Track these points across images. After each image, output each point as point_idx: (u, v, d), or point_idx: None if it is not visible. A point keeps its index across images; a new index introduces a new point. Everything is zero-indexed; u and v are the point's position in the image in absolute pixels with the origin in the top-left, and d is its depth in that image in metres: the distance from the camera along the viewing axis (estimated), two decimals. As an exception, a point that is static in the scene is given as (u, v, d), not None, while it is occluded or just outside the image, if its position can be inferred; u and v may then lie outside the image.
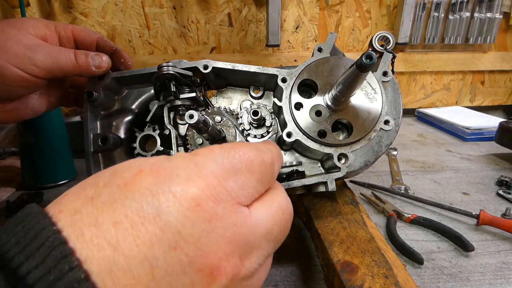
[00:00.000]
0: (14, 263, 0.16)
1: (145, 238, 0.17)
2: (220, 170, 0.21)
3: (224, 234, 0.19)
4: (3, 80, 0.39)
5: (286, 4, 1.15)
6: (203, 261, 0.18)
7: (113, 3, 1.08)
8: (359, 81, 0.36)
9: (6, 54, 0.38)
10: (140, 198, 0.19)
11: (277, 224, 0.23)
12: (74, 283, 0.15)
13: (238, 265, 0.20)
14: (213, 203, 0.20)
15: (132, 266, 0.17)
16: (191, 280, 0.18)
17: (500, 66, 1.30)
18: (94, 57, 0.44)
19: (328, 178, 0.42)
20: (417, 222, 0.56)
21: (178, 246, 0.18)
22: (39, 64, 0.40)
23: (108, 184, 0.20)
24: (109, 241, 0.17)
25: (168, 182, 0.20)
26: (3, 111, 0.44)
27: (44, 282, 0.15)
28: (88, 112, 0.46)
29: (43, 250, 0.16)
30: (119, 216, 0.18)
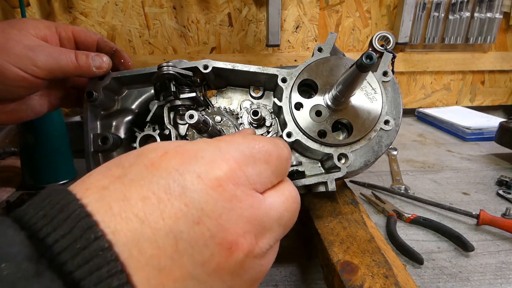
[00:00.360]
0: (42, 233, 0.17)
1: (171, 213, 0.19)
2: (241, 157, 0.23)
3: (242, 213, 0.21)
4: (4, 81, 0.39)
5: (286, 4, 1.15)
6: (223, 236, 0.20)
7: (113, 3, 1.08)
8: (359, 81, 0.36)
9: (7, 54, 0.38)
10: (167, 177, 0.20)
11: (287, 210, 0.25)
12: (98, 251, 0.17)
13: (253, 243, 0.21)
14: (233, 185, 0.21)
15: (158, 237, 0.18)
16: (211, 252, 0.19)
17: (500, 66, 1.30)
18: (94, 57, 0.44)
19: (328, 178, 0.42)
20: (417, 222, 0.56)
21: (201, 221, 0.19)
22: (40, 65, 0.40)
23: (135, 164, 0.21)
24: (137, 215, 0.18)
25: (193, 163, 0.21)
26: (4, 112, 0.44)
27: (71, 250, 0.16)
28: (88, 112, 0.46)
29: (69, 222, 0.17)
30: (147, 192, 0.19)
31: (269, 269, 0.24)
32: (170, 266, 0.18)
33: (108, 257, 0.17)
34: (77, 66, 0.42)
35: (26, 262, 0.16)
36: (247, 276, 0.22)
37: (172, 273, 0.19)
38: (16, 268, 0.15)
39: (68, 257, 0.16)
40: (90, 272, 0.16)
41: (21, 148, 0.68)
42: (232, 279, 0.21)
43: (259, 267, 0.23)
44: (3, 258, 0.15)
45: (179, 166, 0.21)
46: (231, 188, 0.21)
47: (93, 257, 0.16)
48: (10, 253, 0.15)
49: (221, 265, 0.20)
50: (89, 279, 0.16)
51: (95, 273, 0.16)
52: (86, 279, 0.16)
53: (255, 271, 0.22)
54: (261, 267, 0.23)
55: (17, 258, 0.16)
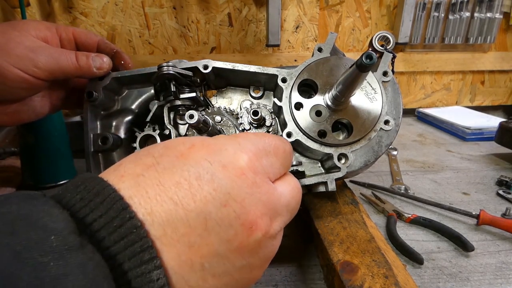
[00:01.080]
0: (81, 213, 0.19)
1: (201, 196, 0.21)
2: (257, 150, 0.26)
3: (261, 198, 0.24)
4: (5, 82, 0.39)
5: (286, 4, 1.15)
6: (245, 217, 0.22)
7: (113, 3, 1.08)
8: (359, 81, 0.36)
9: (8, 55, 0.38)
10: (197, 165, 0.23)
11: (293, 198, 0.28)
12: (132, 229, 0.19)
13: (269, 225, 0.24)
14: (253, 174, 0.24)
15: (189, 218, 0.21)
16: (236, 231, 0.22)
17: (500, 66, 1.30)
18: (95, 58, 0.44)
19: (328, 178, 0.42)
20: (417, 222, 0.56)
21: (228, 204, 0.22)
22: (40, 66, 0.40)
23: (165, 155, 0.24)
24: (171, 198, 0.21)
25: (218, 154, 0.24)
26: (5, 113, 0.44)
27: (108, 228, 0.19)
28: (88, 112, 0.46)
29: (105, 204, 0.19)
30: (179, 178, 0.22)
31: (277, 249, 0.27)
32: (199, 243, 0.21)
33: (140, 234, 0.19)
34: (78, 67, 0.43)
35: (72, 235, 0.17)
36: (262, 254, 0.24)
37: (200, 250, 0.21)
38: (64, 241, 0.17)
39: (105, 234, 0.18)
40: (125, 247, 0.18)
41: (21, 148, 0.68)
42: (251, 256, 0.23)
43: (271, 246, 0.25)
44: (52, 231, 0.17)
45: (206, 156, 0.23)
46: (252, 176, 0.24)
47: (127, 234, 0.19)
48: (57, 228, 0.17)
49: (243, 243, 0.22)
50: (124, 253, 0.18)
51: (129, 248, 0.19)
52: (121, 253, 0.18)
53: (268, 250, 0.25)
54: (272, 247, 0.26)
55: (64, 232, 0.17)
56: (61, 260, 0.16)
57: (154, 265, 0.19)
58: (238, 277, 0.23)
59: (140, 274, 0.18)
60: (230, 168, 0.23)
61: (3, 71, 0.38)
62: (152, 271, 0.19)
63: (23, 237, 0.16)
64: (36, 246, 0.16)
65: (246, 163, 0.24)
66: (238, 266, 0.23)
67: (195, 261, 0.21)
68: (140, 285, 0.18)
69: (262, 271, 0.26)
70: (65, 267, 0.16)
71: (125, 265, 0.18)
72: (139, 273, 0.18)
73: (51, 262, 0.16)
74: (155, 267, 0.19)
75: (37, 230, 0.17)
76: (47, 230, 0.17)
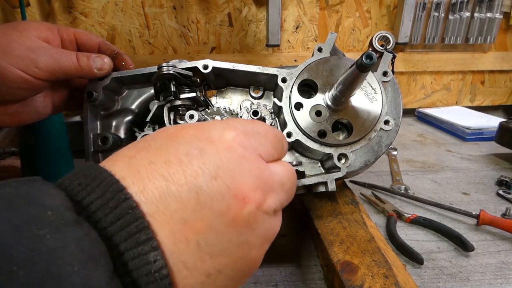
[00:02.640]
0: (78, 196, 0.19)
1: (191, 171, 0.22)
2: (245, 129, 0.26)
3: (251, 171, 0.24)
4: (5, 82, 0.39)
5: (286, 4, 1.15)
6: (237, 189, 0.22)
7: (113, 3, 1.08)
8: (359, 81, 0.36)
9: (9, 56, 0.38)
10: (185, 143, 0.23)
11: (288, 179, 0.28)
12: (128, 210, 0.19)
13: (262, 199, 0.24)
14: (242, 148, 0.24)
15: (181, 193, 0.21)
16: (228, 204, 0.22)
17: (500, 66, 1.30)
18: (95, 59, 0.44)
19: (328, 178, 0.42)
20: (417, 222, 0.56)
21: (218, 176, 0.22)
22: (41, 66, 0.40)
23: (156, 137, 0.24)
24: (162, 175, 0.21)
25: (207, 132, 0.25)
26: (6, 114, 0.44)
27: (104, 209, 0.19)
28: (88, 112, 0.46)
29: (102, 187, 0.19)
30: (169, 156, 0.22)
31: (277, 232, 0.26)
32: (193, 219, 0.21)
33: (136, 214, 0.19)
34: (78, 68, 0.43)
35: (68, 212, 0.18)
36: (259, 230, 0.24)
37: (195, 225, 0.21)
38: (60, 216, 0.17)
39: (101, 215, 0.19)
40: (121, 228, 0.19)
41: (21, 148, 0.68)
42: (247, 231, 0.23)
43: (268, 223, 0.25)
44: (49, 207, 0.17)
45: (195, 134, 0.24)
46: (240, 150, 0.24)
47: (123, 215, 0.19)
48: (53, 205, 0.18)
49: (237, 216, 0.22)
50: (120, 233, 0.18)
51: (125, 229, 0.19)
52: (118, 234, 0.18)
53: (265, 227, 0.24)
54: (270, 225, 0.25)
55: (60, 208, 0.18)
56: (57, 234, 0.16)
57: (151, 246, 0.19)
58: (236, 256, 0.23)
59: (137, 255, 0.18)
60: (218, 142, 0.24)
61: (3, 72, 0.38)
62: (149, 252, 0.19)
63: (21, 212, 0.17)
64: (33, 220, 0.16)
65: (233, 138, 0.24)
66: (235, 242, 0.22)
67: (191, 239, 0.21)
68: (137, 267, 0.18)
69: (261, 252, 0.25)
70: (62, 240, 0.16)
71: (121, 246, 0.18)
72: (136, 254, 0.18)
73: (48, 235, 0.16)
74: (152, 248, 0.19)
75: (35, 207, 0.17)
76: (44, 206, 0.17)
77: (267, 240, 0.25)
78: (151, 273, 0.18)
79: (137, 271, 0.18)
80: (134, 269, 0.18)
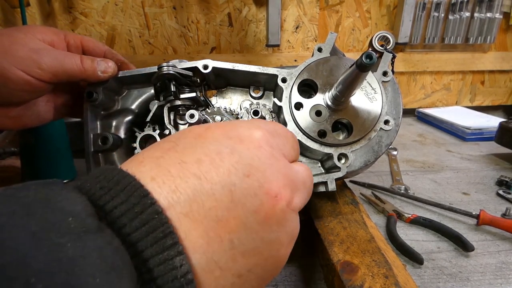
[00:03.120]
0: (101, 201, 0.18)
1: (224, 169, 0.21)
2: (268, 128, 0.27)
3: (280, 170, 0.24)
4: (7, 83, 0.39)
5: (286, 4, 1.15)
6: (269, 187, 0.22)
7: (113, 3, 1.08)
8: (359, 81, 0.36)
9: (11, 57, 0.38)
10: (215, 142, 0.23)
11: (309, 177, 0.28)
12: (154, 215, 0.18)
13: (291, 196, 0.24)
14: (270, 147, 0.25)
15: (215, 190, 0.21)
16: (261, 201, 0.22)
17: (500, 66, 1.30)
18: (100, 62, 0.44)
19: (328, 178, 0.42)
20: (417, 222, 0.56)
21: (250, 174, 0.22)
22: (44, 67, 0.39)
23: (182, 137, 0.24)
24: (194, 174, 0.21)
25: (235, 131, 0.25)
26: (8, 117, 0.44)
27: (129, 214, 0.18)
28: (88, 112, 0.46)
29: (126, 191, 0.19)
30: (200, 155, 0.22)
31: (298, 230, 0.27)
32: (227, 217, 0.21)
33: (162, 219, 0.18)
34: (82, 69, 0.42)
35: (90, 218, 0.17)
36: (288, 228, 0.24)
37: (228, 224, 0.21)
38: (81, 223, 0.16)
39: (126, 221, 0.18)
40: (146, 234, 0.18)
41: (21, 148, 0.68)
42: (278, 228, 0.23)
43: (295, 222, 0.25)
44: (69, 213, 0.16)
45: (224, 133, 0.24)
46: (269, 149, 0.25)
47: (149, 220, 0.18)
48: (75, 210, 0.17)
49: (269, 213, 0.22)
50: (146, 239, 0.18)
51: (151, 234, 0.18)
52: (143, 240, 0.18)
53: (293, 225, 0.25)
54: (295, 223, 0.25)
55: (81, 214, 0.17)
56: (78, 242, 0.16)
57: (177, 251, 0.18)
58: (267, 255, 0.23)
59: (163, 261, 0.18)
60: (248, 141, 0.24)
61: (5, 73, 0.38)
62: (174, 257, 0.18)
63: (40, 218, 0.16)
64: (53, 228, 0.16)
65: (261, 137, 0.25)
66: (266, 240, 0.22)
67: (224, 237, 0.20)
68: (163, 273, 0.18)
69: (288, 251, 0.25)
70: (83, 249, 0.15)
71: (147, 252, 0.18)
72: (162, 260, 0.18)
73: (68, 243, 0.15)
74: (178, 252, 0.18)
75: (54, 212, 0.16)
76: (64, 212, 0.16)
77: (293, 238, 0.26)
78: (177, 279, 0.18)
79: (162, 277, 0.18)
80: (160, 275, 0.18)
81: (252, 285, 0.23)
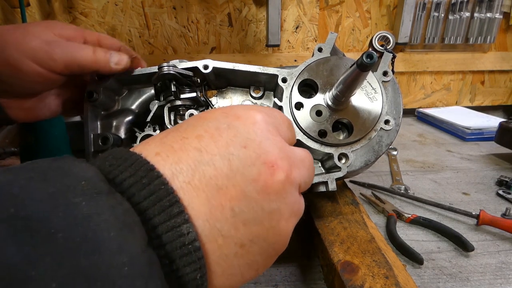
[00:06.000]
0: (111, 175, 0.20)
1: (222, 142, 0.23)
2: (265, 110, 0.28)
3: (277, 144, 0.25)
4: (20, 75, 0.39)
5: (286, 4, 1.15)
6: (266, 157, 0.24)
7: (113, 3, 1.08)
8: (360, 80, 0.36)
9: (24, 48, 0.38)
10: (214, 120, 0.25)
11: (307, 158, 0.29)
12: (160, 185, 0.20)
13: (288, 169, 0.25)
14: (265, 124, 0.26)
15: (214, 160, 0.22)
16: (259, 170, 0.23)
17: (500, 66, 1.30)
18: (113, 53, 0.43)
19: (328, 178, 0.42)
20: (417, 222, 0.56)
21: (247, 145, 0.23)
22: (56, 59, 0.39)
23: (185, 121, 0.26)
24: (195, 147, 0.22)
25: (232, 110, 0.26)
26: (21, 109, 0.44)
27: (137, 185, 0.19)
28: (88, 112, 0.46)
29: (134, 166, 0.20)
30: (199, 132, 0.24)
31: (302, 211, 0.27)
32: (227, 185, 0.22)
33: (168, 189, 0.20)
34: (95, 60, 0.42)
35: (101, 182, 0.18)
36: (288, 199, 0.25)
37: (229, 192, 0.22)
38: (94, 185, 0.18)
39: (135, 191, 0.19)
40: (154, 202, 0.19)
41: (21, 148, 0.68)
42: (277, 198, 0.24)
43: (295, 197, 0.26)
44: (82, 177, 0.18)
45: (222, 113, 0.26)
46: (264, 125, 0.26)
47: (156, 191, 0.19)
48: (87, 175, 0.18)
49: (268, 183, 0.23)
50: (153, 208, 0.19)
51: (158, 203, 0.19)
52: (151, 208, 0.19)
53: (293, 199, 0.25)
54: (296, 199, 0.26)
55: (93, 179, 0.18)
56: (92, 201, 0.17)
57: (184, 219, 0.19)
58: (268, 225, 0.23)
59: (171, 228, 0.19)
60: (244, 118, 0.26)
61: (17, 64, 0.38)
62: (182, 224, 0.19)
63: (56, 182, 0.17)
64: (67, 189, 0.17)
65: (257, 115, 0.26)
66: (266, 210, 0.23)
67: (225, 205, 0.21)
68: (171, 240, 0.19)
69: (290, 226, 0.26)
70: (97, 208, 0.17)
71: (155, 219, 0.19)
72: (170, 227, 0.19)
73: (83, 202, 0.16)
74: (185, 220, 0.19)
75: (68, 177, 0.18)
76: (77, 177, 0.18)
77: (294, 214, 0.26)
78: (185, 245, 0.19)
79: (171, 244, 0.19)
80: (168, 242, 0.19)
81: (256, 259, 0.24)
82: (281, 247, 0.25)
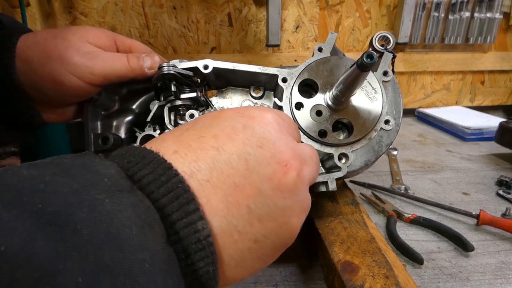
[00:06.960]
0: (130, 172, 0.20)
1: (239, 142, 0.24)
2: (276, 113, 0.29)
3: (288, 143, 0.26)
4: (61, 89, 0.40)
5: (286, 4, 1.15)
6: (280, 157, 0.25)
7: (113, 3, 1.08)
8: (360, 80, 0.36)
9: (66, 63, 0.39)
10: (230, 119, 0.26)
11: (314, 154, 0.30)
12: (178, 183, 0.20)
13: (300, 167, 0.26)
14: (278, 125, 0.27)
15: (231, 159, 0.23)
16: (273, 169, 0.24)
17: (500, 66, 1.30)
18: (145, 58, 0.44)
19: (328, 178, 0.42)
20: (417, 222, 0.56)
21: (263, 145, 0.24)
22: (96, 72, 0.41)
23: (199, 120, 0.27)
24: (213, 146, 0.23)
25: (247, 111, 0.27)
26: (54, 113, 0.47)
27: (156, 183, 0.20)
28: (88, 112, 0.46)
29: (152, 164, 0.21)
30: (216, 131, 0.25)
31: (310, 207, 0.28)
32: (243, 183, 0.23)
33: (185, 187, 0.20)
34: (130, 69, 0.43)
35: (123, 180, 0.19)
36: (299, 197, 0.26)
37: (245, 190, 0.23)
38: (116, 183, 0.18)
39: (154, 188, 0.20)
40: (172, 200, 0.20)
41: (21, 148, 0.68)
42: (290, 195, 0.25)
43: (305, 193, 0.27)
44: (104, 174, 0.19)
45: (236, 112, 0.27)
46: (276, 126, 0.27)
47: (174, 188, 0.20)
48: (109, 173, 0.19)
49: (281, 181, 0.24)
50: (172, 205, 0.20)
51: (176, 201, 0.20)
52: (169, 205, 0.20)
53: (304, 196, 0.26)
54: (306, 195, 0.27)
55: (115, 176, 0.19)
56: (115, 199, 0.17)
57: (199, 216, 0.20)
58: (281, 221, 0.24)
59: (187, 224, 0.20)
60: (259, 118, 0.27)
61: (61, 79, 0.40)
62: (197, 221, 0.20)
63: (80, 178, 0.18)
64: (91, 186, 0.17)
65: (270, 116, 0.27)
66: (280, 206, 0.24)
67: (242, 203, 0.22)
68: (188, 235, 0.20)
69: (300, 221, 0.26)
70: (119, 205, 0.17)
71: (173, 216, 0.20)
72: (186, 223, 0.20)
73: (106, 199, 0.17)
74: (200, 217, 0.20)
75: (91, 174, 0.18)
76: (100, 174, 0.18)
77: (304, 210, 0.27)
78: (200, 241, 0.20)
79: (187, 239, 0.20)
80: (185, 237, 0.20)
81: (267, 252, 0.25)
82: (290, 241, 0.26)
